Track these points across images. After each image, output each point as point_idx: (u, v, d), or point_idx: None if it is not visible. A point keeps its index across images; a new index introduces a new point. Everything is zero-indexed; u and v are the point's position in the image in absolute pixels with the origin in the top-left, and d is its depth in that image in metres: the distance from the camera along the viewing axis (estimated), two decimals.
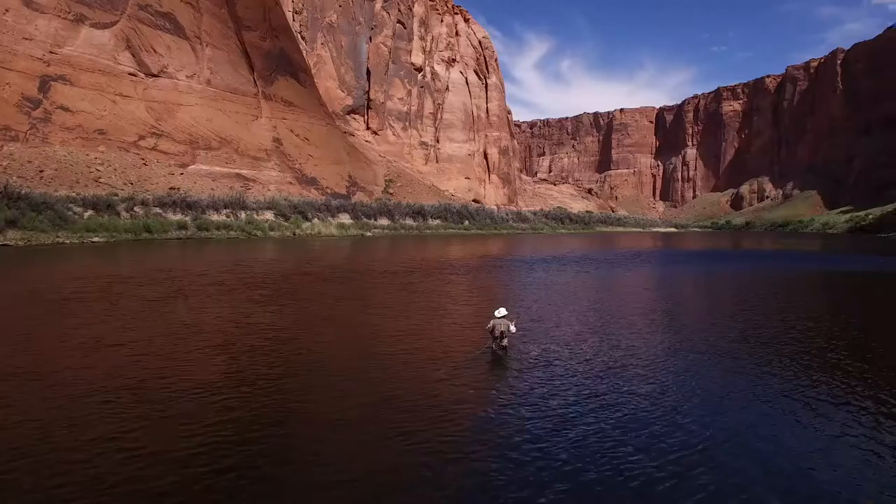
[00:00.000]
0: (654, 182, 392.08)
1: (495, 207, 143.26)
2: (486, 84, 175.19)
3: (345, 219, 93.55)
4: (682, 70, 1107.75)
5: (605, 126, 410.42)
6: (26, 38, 69.89)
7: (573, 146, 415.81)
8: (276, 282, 27.21)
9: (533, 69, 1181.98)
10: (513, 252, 57.92)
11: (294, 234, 77.74)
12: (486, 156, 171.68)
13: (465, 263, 40.96)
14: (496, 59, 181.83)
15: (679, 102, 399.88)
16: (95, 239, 51.83)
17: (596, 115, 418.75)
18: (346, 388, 10.96)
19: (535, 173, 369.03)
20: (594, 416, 9.74)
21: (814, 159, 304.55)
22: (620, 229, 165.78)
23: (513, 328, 13.58)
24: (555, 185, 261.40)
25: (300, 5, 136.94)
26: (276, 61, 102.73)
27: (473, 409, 10.00)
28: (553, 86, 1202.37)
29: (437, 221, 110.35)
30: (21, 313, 18.23)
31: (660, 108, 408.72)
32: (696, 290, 30.80)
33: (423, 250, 56.79)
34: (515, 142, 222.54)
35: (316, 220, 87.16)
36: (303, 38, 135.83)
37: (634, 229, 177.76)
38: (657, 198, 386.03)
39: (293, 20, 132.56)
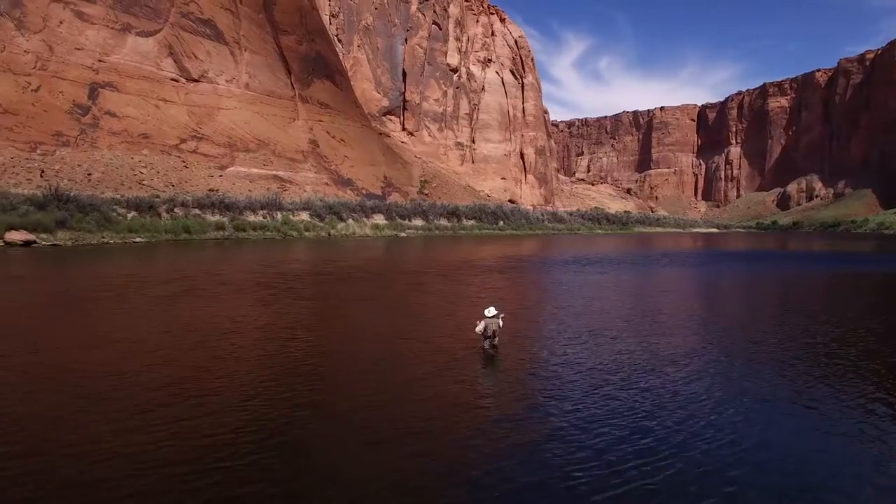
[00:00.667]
0: (696, 181, 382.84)
1: (531, 208, 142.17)
2: (523, 84, 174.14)
3: (379, 219, 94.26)
4: (726, 66, 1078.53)
5: (644, 125, 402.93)
6: (78, 48, 72.99)
7: (612, 145, 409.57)
8: (289, 282, 27.44)
9: (571, 68, 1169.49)
10: (541, 253, 57.32)
11: (329, 235, 78.69)
12: (522, 156, 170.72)
13: (487, 264, 40.74)
14: (532, 59, 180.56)
15: (722, 99, 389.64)
16: (137, 239, 53.64)
17: (635, 113, 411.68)
18: (303, 388, 10.89)
19: (574, 173, 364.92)
20: (632, 419, 9.44)
21: (868, 156, 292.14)
22: (659, 230, 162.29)
23: (500, 322, 13.54)
24: (593, 185, 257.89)
25: (337, 9, 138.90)
26: (312, 64, 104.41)
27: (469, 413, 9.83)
28: (592, 85, 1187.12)
29: (472, 222, 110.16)
30: (39, 312, 18.93)
31: (702, 105, 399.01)
32: (739, 291, 29.79)
33: (451, 251, 56.81)
34: (552, 142, 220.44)
35: (350, 221, 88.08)
36: (339, 40, 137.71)
37: (674, 230, 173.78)
38: (699, 198, 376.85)
39: (330, 23, 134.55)
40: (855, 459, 8.14)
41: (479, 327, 13.19)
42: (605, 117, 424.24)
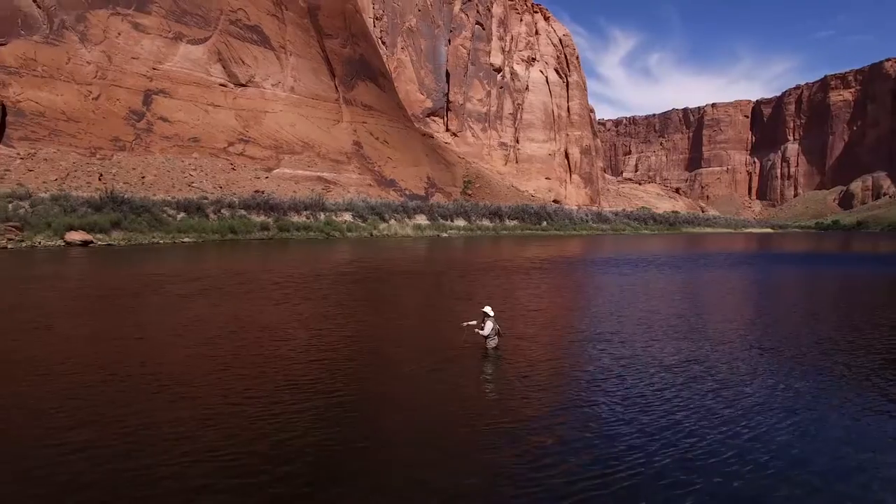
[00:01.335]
0: (750, 180, 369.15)
1: (575, 208, 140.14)
2: (567, 82, 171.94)
3: (421, 220, 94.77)
4: (782, 60, 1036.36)
5: (695, 122, 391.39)
6: (134, 58, 76.36)
7: (661, 144, 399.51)
8: (307, 282, 27.80)
9: (619, 66, 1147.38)
10: (580, 253, 56.44)
11: (371, 235, 79.59)
12: (567, 155, 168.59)
13: (516, 265, 40.38)
14: (577, 57, 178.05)
15: (778, 94, 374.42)
16: (186, 239, 55.65)
17: (685, 110, 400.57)
18: (272, 387, 10.93)
19: (621, 173, 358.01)
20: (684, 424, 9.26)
21: None
22: (709, 230, 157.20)
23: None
24: (640, 184, 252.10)
25: (380, 11, 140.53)
26: (356, 67, 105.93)
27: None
28: (640, 82, 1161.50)
29: (514, 222, 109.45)
30: (59, 307, 19.83)
31: (756, 101, 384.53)
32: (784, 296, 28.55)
33: (487, 251, 56.60)
34: (598, 141, 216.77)
35: (392, 222, 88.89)
36: (383, 43, 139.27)
37: (725, 230, 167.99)
38: (753, 197, 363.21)
39: (374, 26, 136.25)
40: None
41: (487, 329, 13.11)
42: (654, 115, 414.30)
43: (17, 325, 16.42)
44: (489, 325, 13.12)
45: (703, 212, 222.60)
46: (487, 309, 13.30)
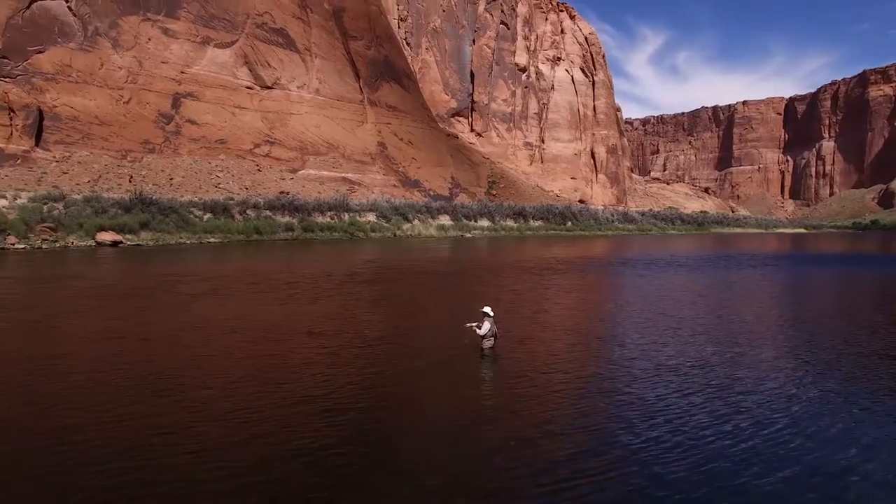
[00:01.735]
0: (783, 179, 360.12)
1: (601, 208, 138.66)
2: (594, 81, 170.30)
3: (445, 220, 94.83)
4: (817, 55, 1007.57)
5: (725, 120, 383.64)
6: (163, 62, 78.13)
7: (690, 143, 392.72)
8: (318, 282, 27.99)
9: (647, 64, 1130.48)
10: (599, 254, 55.80)
11: (394, 236, 79.91)
12: (593, 155, 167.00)
13: (531, 266, 40.06)
14: (604, 56, 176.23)
15: (813, 90, 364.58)
16: (212, 239, 56.67)
17: (715, 108, 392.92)
18: (237, 386, 11.01)
19: (648, 172, 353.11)
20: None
21: None
22: (739, 230, 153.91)
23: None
24: (668, 184, 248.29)
25: (405, 12, 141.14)
26: (380, 68, 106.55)
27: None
28: (669, 80, 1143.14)
29: (539, 223, 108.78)
30: (69, 306, 20.33)
31: (790, 97, 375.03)
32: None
33: (506, 252, 56.36)
34: (625, 140, 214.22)
35: (416, 222, 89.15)
36: (408, 44, 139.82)
37: (755, 230, 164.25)
38: (786, 196, 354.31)
39: (398, 27, 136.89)
40: None
41: (484, 328, 13.10)
42: (683, 113, 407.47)
43: (24, 324, 16.95)
44: (486, 325, 13.12)
45: (732, 212, 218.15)
46: (487, 309, 13.29)
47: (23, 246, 44.48)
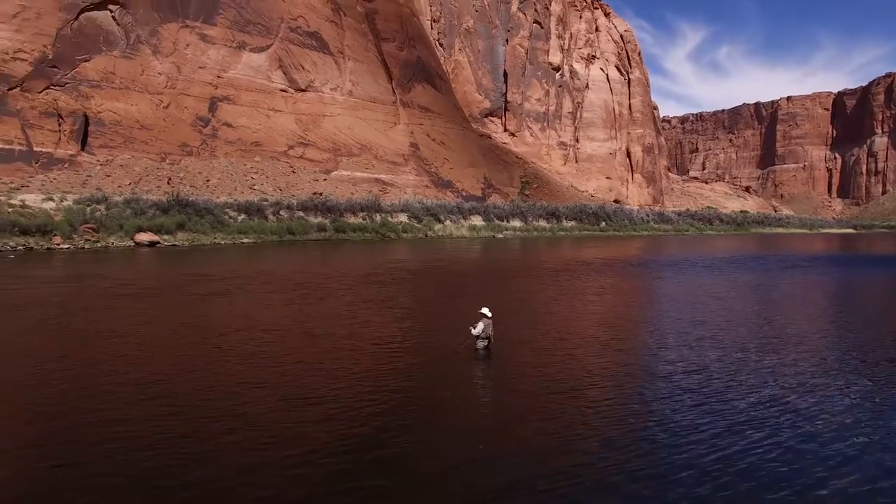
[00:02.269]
0: (830, 177, 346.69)
1: (636, 208, 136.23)
2: (629, 79, 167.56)
3: (477, 221, 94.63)
4: (870, 47, 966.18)
5: (767, 117, 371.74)
6: (200, 67, 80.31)
7: (730, 141, 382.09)
8: (329, 283, 28.18)
9: (686, 60, 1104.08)
10: (627, 255, 54.78)
11: (426, 236, 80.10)
12: (628, 154, 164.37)
13: (553, 266, 39.58)
14: (639, 53, 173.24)
15: (865, 84, 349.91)
16: (245, 240, 57.91)
17: (757, 105, 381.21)
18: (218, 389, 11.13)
19: (687, 171, 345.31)
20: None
21: None
22: (781, 230, 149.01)
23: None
24: (706, 183, 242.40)
25: (438, 13, 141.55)
26: (413, 69, 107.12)
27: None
28: (709, 77, 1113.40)
29: (572, 223, 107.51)
30: (81, 305, 21.01)
31: (838, 92, 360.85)
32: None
33: (534, 253, 55.98)
34: (662, 139, 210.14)
35: (448, 223, 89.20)
36: (441, 45, 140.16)
37: (799, 230, 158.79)
38: (833, 195, 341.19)
39: (431, 28, 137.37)
40: None
41: (478, 328, 13.08)
42: (723, 111, 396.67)
43: (35, 321, 17.66)
44: (480, 326, 13.12)
45: (775, 211, 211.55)
46: (485, 310, 13.27)
47: (67, 246, 46.29)
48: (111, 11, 74.25)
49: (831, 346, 15.34)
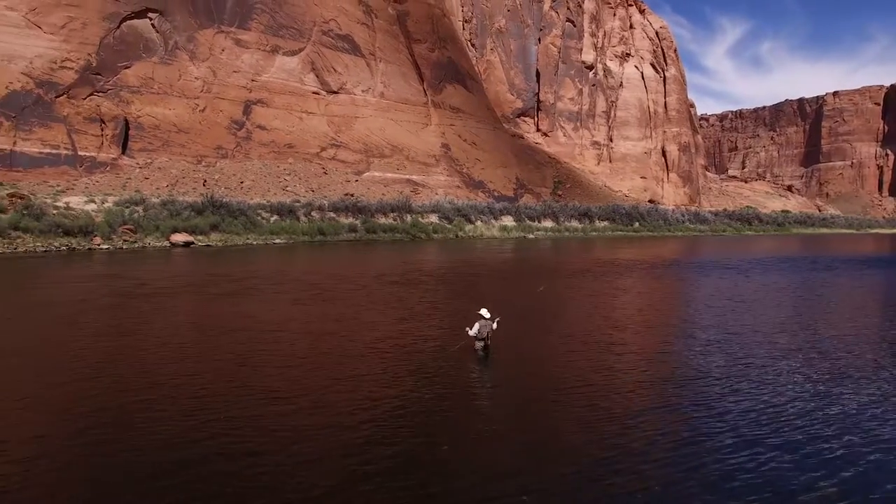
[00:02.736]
0: (881, 174, 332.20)
1: (672, 208, 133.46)
2: (664, 77, 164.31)
3: (508, 221, 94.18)
4: None
5: (812, 113, 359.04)
6: (235, 71, 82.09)
7: (772, 138, 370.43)
8: (342, 284, 28.31)
9: (726, 56, 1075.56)
10: (655, 256, 53.65)
11: (456, 237, 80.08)
12: (664, 153, 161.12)
13: (576, 267, 38.90)
14: (675, 50, 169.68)
15: None
16: (277, 240, 58.88)
17: (801, 101, 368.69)
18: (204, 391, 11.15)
19: (726, 170, 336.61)
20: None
21: None
22: (825, 230, 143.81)
23: (494, 325, 13.52)
24: (746, 182, 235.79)
25: (469, 14, 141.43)
26: (444, 70, 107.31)
27: None
28: (749, 73, 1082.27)
29: (605, 223, 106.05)
30: (98, 304, 21.57)
31: (890, 86, 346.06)
32: None
33: (559, 253, 55.41)
34: (699, 137, 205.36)
35: (478, 223, 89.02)
36: (472, 45, 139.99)
37: (845, 231, 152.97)
38: (884, 193, 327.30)
39: (463, 29, 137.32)
40: None
41: (474, 329, 13.07)
42: (764, 107, 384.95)
43: (49, 319, 18.36)
44: (476, 326, 13.12)
45: (819, 210, 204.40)
46: (483, 311, 13.31)
47: (106, 246, 47.86)
48: (151, 19, 76.53)
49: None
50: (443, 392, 11.06)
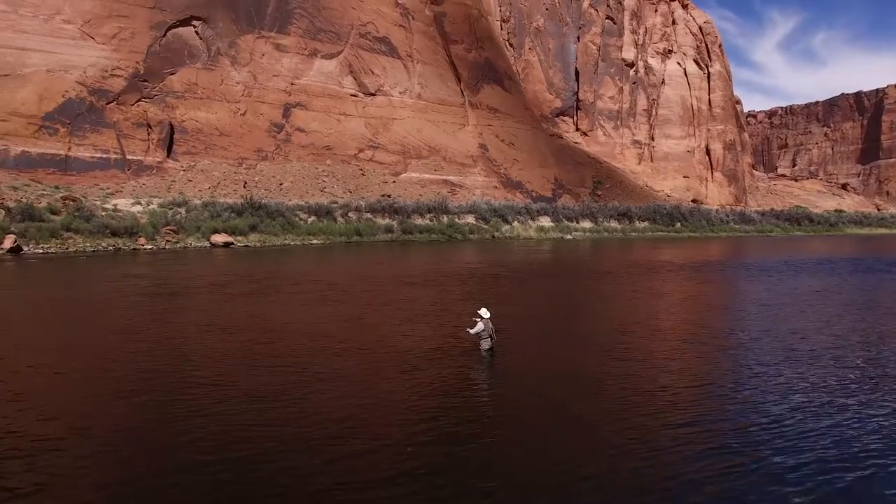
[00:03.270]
0: None
1: (716, 208, 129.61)
2: (708, 73, 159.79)
3: (545, 221, 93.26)
4: None
5: (871, 107, 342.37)
6: (275, 75, 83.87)
7: (825, 134, 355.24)
8: (359, 284, 28.42)
9: (775, 50, 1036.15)
10: (690, 257, 52.13)
11: (492, 237, 79.76)
12: (708, 152, 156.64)
13: (601, 269, 38.01)
14: (720, 45, 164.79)
15: None
16: (314, 241, 59.81)
17: (858, 95, 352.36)
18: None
19: (775, 169, 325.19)
20: None
21: None
22: (883, 231, 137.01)
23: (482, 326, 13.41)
24: (796, 180, 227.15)
25: (507, 13, 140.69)
26: (481, 70, 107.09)
27: None
28: (801, 66, 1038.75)
29: (645, 224, 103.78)
30: (115, 302, 22.22)
31: None
32: None
33: (592, 254, 54.46)
34: (746, 135, 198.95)
35: (515, 223, 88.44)
36: (510, 44, 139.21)
37: None
38: None
39: (501, 28, 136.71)
40: None
41: (477, 328, 13.02)
42: (817, 102, 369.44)
43: (72, 317, 19.01)
44: (479, 326, 12.97)
45: (878, 210, 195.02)
46: (482, 311, 13.28)
47: (150, 246, 49.55)
48: (195, 27, 78.92)
49: None
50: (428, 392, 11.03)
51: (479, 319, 13.23)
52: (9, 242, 42.34)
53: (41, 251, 43.83)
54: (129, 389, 11.08)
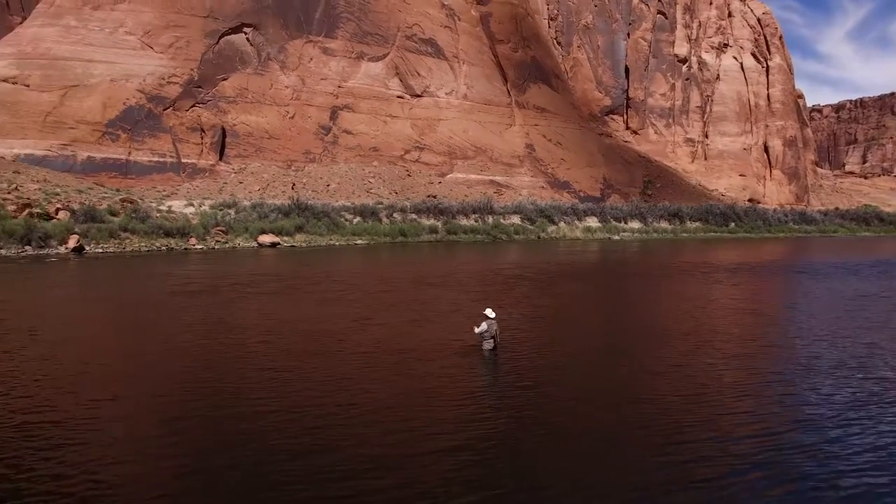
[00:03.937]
0: None
1: (774, 207, 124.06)
2: (767, 67, 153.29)
3: (592, 222, 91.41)
4: None
5: None
6: (322, 79, 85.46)
7: None
8: (378, 284, 28.39)
9: (845, 40, 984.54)
10: (731, 259, 49.82)
11: (538, 238, 78.71)
12: (766, 149, 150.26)
13: (637, 270, 36.62)
14: (780, 37, 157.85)
15: None
16: (359, 241, 60.45)
17: None
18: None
19: (843, 166, 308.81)
20: None
21: None
22: None
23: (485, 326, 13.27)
24: (865, 178, 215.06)
25: (555, 11, 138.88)
26: (527, 70, 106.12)
27: None
28: (874, 56, 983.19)
29: (696, 224, 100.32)
30: (137, 300, 22.75)
31: None
32: None
33: (632, 256, 52.84)
34: (809, 130, 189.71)
35: (562, 224, 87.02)
36: (558, 43, 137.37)
37: None
38: None
39: (549, 27, 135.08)
40: None
41: (481, 328, 12.75)
42: (891, 94, 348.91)
43: (94, 315, 19.67)
44: (483, 326, 12.82)
45: None
46: (488, 311, 13.15)
47: (200, 246, 51.17)
48: (245, 34, 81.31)
49: None
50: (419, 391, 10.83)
51: (484, 319, 13.05)
52: (72, 242, 44.55)
53: (101, 250, 45.89)
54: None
